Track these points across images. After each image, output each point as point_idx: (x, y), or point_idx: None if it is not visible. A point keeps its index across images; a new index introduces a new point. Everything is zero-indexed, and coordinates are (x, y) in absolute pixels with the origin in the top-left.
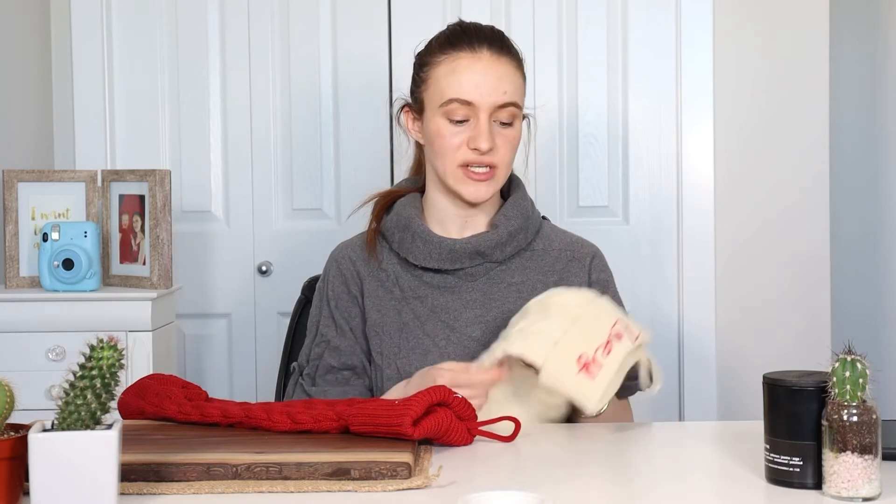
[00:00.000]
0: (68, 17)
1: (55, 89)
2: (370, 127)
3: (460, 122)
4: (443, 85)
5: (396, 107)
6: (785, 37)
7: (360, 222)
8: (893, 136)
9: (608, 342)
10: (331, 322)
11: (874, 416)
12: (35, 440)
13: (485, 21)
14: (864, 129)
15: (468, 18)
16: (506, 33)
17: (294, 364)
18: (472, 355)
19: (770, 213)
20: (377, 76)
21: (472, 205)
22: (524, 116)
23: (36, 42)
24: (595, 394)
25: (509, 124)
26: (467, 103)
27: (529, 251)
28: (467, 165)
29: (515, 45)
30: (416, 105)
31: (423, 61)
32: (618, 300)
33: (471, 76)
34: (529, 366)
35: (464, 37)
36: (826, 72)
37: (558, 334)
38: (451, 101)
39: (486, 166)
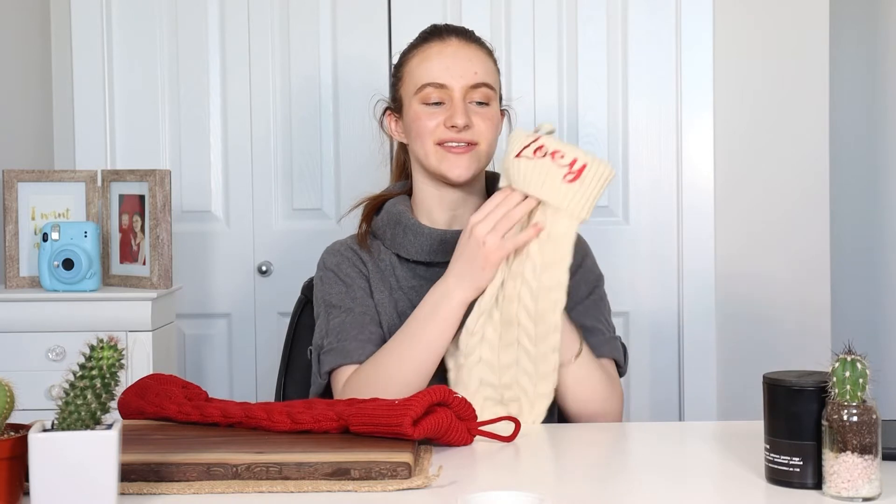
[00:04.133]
0: (68, 17)
1: (55, 89)
2: (370, 127)
3: (436, 104)
4: (416, 74)
5: (379, 109)
6: (785, 37)
7: (355, 224)
8: (893, 136)
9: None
10: (345, 294)
11: (874, 416)
12: (35, 440)
13: (485, 21)
14: (864, 129)
15: (468, 18)
16: (506, 33)
17: (309, 348)
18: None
19: (770, 213)
20: (377, 76)
21: (457, 185)
22: (504, 111)
23: (36, 42)
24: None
25: (486, 104)
26: (440, 86)
27: None
28: (445, 143)
29: (486, 41)
30: (396, 104)
31: (399, 63)
32: (597, 280)
33: (441, 60)
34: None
35: (434, 31)
36: (826, 72)
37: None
38: (424, 85)
39: (465, 143)
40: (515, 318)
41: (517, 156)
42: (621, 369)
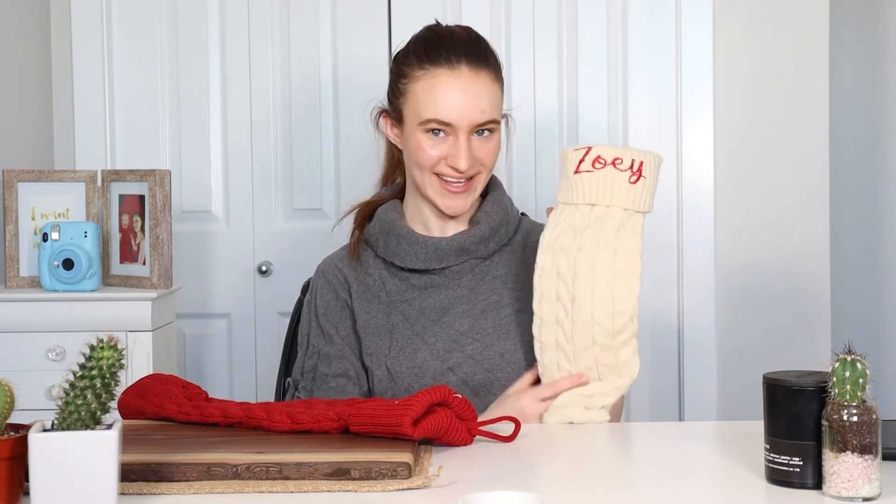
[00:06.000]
0: (68, 17)
1: (55, 89)
2: (370, 127)
3: (439, 134)
4: (421, 102)
5: (374, 113)
6: (785, 37)
7: (349, 230)
8: (893, 136)
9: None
10: (319, 332)
11: (874, 416)
12: (35, 440)
13: (485, 21)
14: (864, 129)
15: (468, 18)
16: (506, 33)
17: (289, 380)
18: (460, 348)
19: (770, 213)
20: (377, 76)
21: (451, 216)
22: (504, 116)
23: (36, 42)
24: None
25: (489, 134)
26: (446, 124)
27: (511, 245)
28: (445, 177)
29: (493, 51)
30: (395, 114)
31: (402, 72)
32: None
33: (450, 96)
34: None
35: (441, 50)
36: (826, 72)
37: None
38: (429, 120)
39: (465, 180)
40: (590, 317)
41: (576, 172)
42: None
